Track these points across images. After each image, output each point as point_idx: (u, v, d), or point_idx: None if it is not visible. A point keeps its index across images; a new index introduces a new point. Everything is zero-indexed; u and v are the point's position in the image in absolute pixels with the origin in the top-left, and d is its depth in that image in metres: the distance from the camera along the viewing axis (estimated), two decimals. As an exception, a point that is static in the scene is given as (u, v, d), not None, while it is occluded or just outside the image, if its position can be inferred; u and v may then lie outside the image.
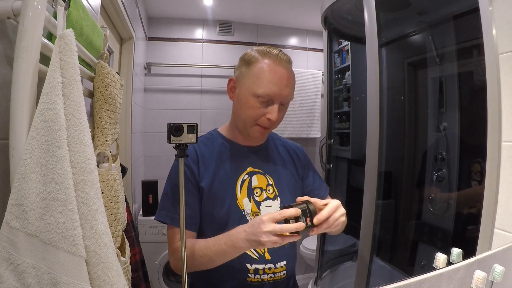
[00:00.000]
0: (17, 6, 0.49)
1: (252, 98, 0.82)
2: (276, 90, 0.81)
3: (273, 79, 0.81)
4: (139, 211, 2.07)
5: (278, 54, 0.83)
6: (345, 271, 2.01)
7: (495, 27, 0.91)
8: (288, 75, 0.83)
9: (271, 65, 0.82)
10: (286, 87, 0.82)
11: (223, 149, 0.91)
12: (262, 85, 0.81)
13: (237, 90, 0.87)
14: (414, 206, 1.68)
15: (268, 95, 0.81)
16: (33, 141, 0.47)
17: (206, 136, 0.95)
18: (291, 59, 0.86)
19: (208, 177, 0.86)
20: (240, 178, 0.89)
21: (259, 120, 0.84)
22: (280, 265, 0.87)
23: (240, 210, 0.86)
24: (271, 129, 0.88)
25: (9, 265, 0.45)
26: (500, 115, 0.92)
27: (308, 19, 2.47)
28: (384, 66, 1.59)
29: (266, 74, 0.81)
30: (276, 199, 0.90)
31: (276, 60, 0.82)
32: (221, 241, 0.76)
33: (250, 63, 0.84)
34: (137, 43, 1.93)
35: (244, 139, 0.92)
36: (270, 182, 0.91)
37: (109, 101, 0.78)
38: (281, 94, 0.82)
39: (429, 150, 1.59)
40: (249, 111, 0.83)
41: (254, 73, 0.83)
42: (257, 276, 0.85)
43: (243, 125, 0.87)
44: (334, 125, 2.17)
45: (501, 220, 0.92)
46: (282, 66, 0.82)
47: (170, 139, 0.68)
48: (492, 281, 0.85)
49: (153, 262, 1.98)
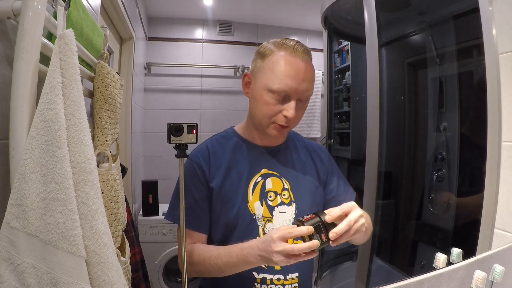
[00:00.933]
0: (17, 6, 0.49)
1: (267, 94, 0.76)
2: (292, 85, 0.74)
3: (289, 73, 0.74)
4: (139, 211, 2.07)
5: (294, 46, 0.76)
6: (345, 271, 2.01)
7: (495, 27, 0.91)
8: (305, 68, 0.76)
9: (287, 58, 0.75)
10: (303, 82, 0.75)
11: (238, 148, 0.86)
12: (278, 80, 0.75)
13: (252, 85, 0.81)
14: (414, 206, 1.68)
15: (284, 91, 0.75)
16: (33, 141, 0.47)
17: (222, 134, 0.90)
18: (309, 50, 0.78)
19: (219, 177, 0.82)
20: (253, 180, 0.83)
21: (275, 118, 0.78)
22: (292, 277, 0.81)
23: (250, 214, 0.81)
24: (289, 128, 0.81)
25: (9, 265, 0.45)
26: (500, 115, 0.92)
27: (308, 19, 2.46)
28: (384, 66, 1.59)
29: (282, 67, 0.75)
30: (292, 205, 0.84)
31: (292, 52, 0.76)
32: (233, 253, 0.72)
33: (265, 56, 0.78)
34: (137, 43, 1.93)
35: (261, 139, 0.86)
36: (286, 186, 0.85)
37: (109, 101, 0.78)
38: (297, 89, 0.75)
39: (429, 150, 1.59)
40: (264, 108, 0.78)
41: (269, 67, 0.77)
42: (263, 286, 0.80)
43: (259, 123, 0.81)
44: (334, 125, 2.17)
45: (501, 220, 0.92)
46: (299, 58, 0.75)
47: (170, 139, 0.68)
48: (492, 281, 0.85)
49: (153, 262, 1.98)
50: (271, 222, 0.82)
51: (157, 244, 2.01)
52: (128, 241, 0.91)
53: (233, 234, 0.81)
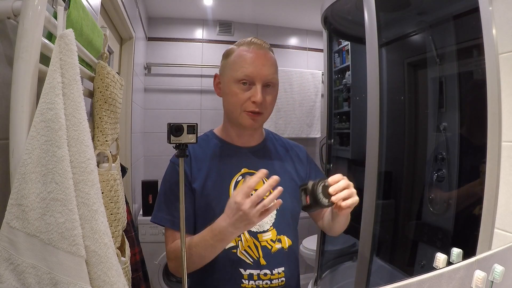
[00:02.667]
0: (17, 6, 0.49)
1: (234, 84, 0.82)
2: (253, 70, 0.81)
3: (249, 60, 0.82)
4: (139, 211, 2.08)
5: (251, 40, 0.85)
6: (345, 271, 2.01)
7: (495, 27, 0.91)
8: (264, 55, 0.83)
9: (246, 50, 0.83)
10: (263, 66, 0.82)
11: (217, 150, 0.90)
12: (239, 68, 0.82)
13: (221, 84, 0.88)
14: (414, 206, 1.68)
15: (247, 76, 0.81)
16: (33, 141, 0.47)
17: (201, 137, 0.93)
18: (267, 44, 0.86)
19: (201, 179, 0.85)
20: (233, 179, 0.86)
21: (245, 105, 0.83)
22: (278, 272, 0.84)
23: None
24: (262, 115, 0.85)
25: (9, 265, 0.45)
26: (500, 115, 0.92)
27: (308, 19, 2.46)
28: (384, 66, 1.59)
29: (242, 58, 0.82)
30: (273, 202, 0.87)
31: (249, 45, 0.84)
32: (207, 237, 0.75)
33: (228, 55, 0.86)
34: (137, 43, 1.93)
35: (239, 139, 0.90)
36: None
37: (109, 101, 0.78)
38: (259, 73, 0.81)
39: (429, 150, 1.59)
40: (233, 99, 0.83)
41: (231, 61, 0.84)
42: (251, 282, 0.82)
43: (233, 116, 0.86)
44: (334, 125, 2.17)
45: (501, 220, 0.92)
46: (256, 48, 0.83)
47: (170, 139, 0.68)
48: (492, 281, 0.85)
49: (153, 262, 1.98)
50: None
51: (157, 244, 2.01)
52: (128, 241, 0.91)
53: None
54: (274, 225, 0.86)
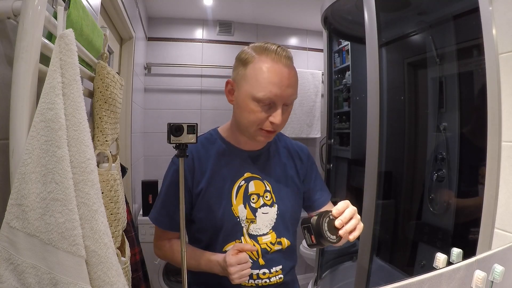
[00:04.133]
0: (17, 6, 0.49)
1: (252, 102, 0.76)
2: (277, 92, 0.74)
3: (273, 80, 0.73)
4: (139, 211, 2.07)
5: (276, 50, 0.75)
6: (345, 271, 2.01)
7: (495, 27, 0.91)
8: (289, 73, 0.75)
9: (270, 64, 0.74)
10: (288, 88, 0.75)
11: (222, 153, 0.87)
12: (262, 88, 0.74)
13: (235, 93, 0.81)
14: (414, 206, 1.68)
15: (269, 98, 0.74)
16: (33, 141, 0.47)
17: (206, 136, 0.91)
18: (291, 55, 0.78)
19: (204, 182, 0.84)
20: (236, 184, 0.86)
21: (262, 125, 0.78)
22: (276, 270, 0.86)
23: (234, 217, 0.84)
24: (276, 132, 0.82)
25: (9, 265, 0.45)
26: (500, 115, 0.92)
27: (308, 19, 2.46)
28: (384, 66, 1.59)
29: (265, 75, 0.74)
30: (274, 206, 0.87)
31: (274, 58, 0.75)
32: (202, 261, 0.82)
33: (247, 63, 0.77)
34: (137, 43, 1.93)
35: (244, 143, 0.88)
36: (268, 188, 0.87)
37: (109, 101, 0.78)
38: (282, 95, 0.75)
39: (429, 150, 1.59)
40: (250, 116, 0.77)
41: (251, 75, 0.75)
42: (251, 281, 0.84)
43: (246, 130, 0.82)
44: (334, 125, 2.17)
45: (501, 220, 0.92)
46: (281, 63, 0.74)
47: (170, 139, 0.68)
48: (492, 281, 0.85)
49: (153, 262, 1.98)
50: (255, 223, 0.85)
51: (157, 244, 2.00)
52: (128, 241, 0.91)
53: (219, 236, 0.84)
54: (274, 228, 0.87)
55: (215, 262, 0.80)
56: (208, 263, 0.81)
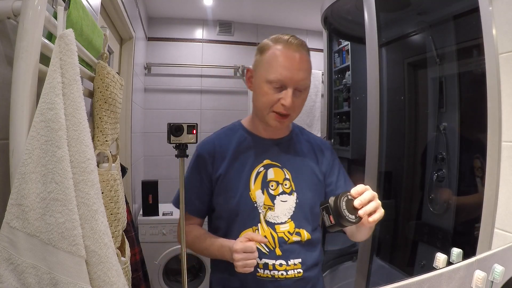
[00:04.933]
0: (17, 6, 0.49)
1: (266, 84, 0.81)
2: (287, 74, 0.79)
3: (284, 64, 0.80)
4: (139, 211, 2.07)
5: (288, 39, 0.82)
6: (345, 271, 2.01)
7: (495, 27, 0.91)
8: (300, 58, 0.81)
9: (282, 50, 0.81)
10: (298, 71, 0.80)
11: (242, 140, 0.91)
12: (273, 71, 0.80)
13: (253, 79, 0.87)
14: (414, 206, 1.68)
15: (280, 80, 0.80)
16: (33, 141, 0.47)
17: (229, 127, 0.95)
18: (304, 43, 0.84)
19: (223, 168, 0.87)
20: (255, 170, 0.87)
21: (274, 107, 0.82)
22: (294, 263, 0.84)
23: (252, 202, 0.85)
24: (290, 118, 0.85)
25: (9, 265, 0.45)
26: (500, 115, 0.92)
27: (308, 19, 2.46)
28: (384, 66, 1.59)
29: (277, 59, 0.81)
30: (293, 194, 0.87)
31: (286, 45, 0.81)
32: (214, 246, 0.83)
33: (263, 51, 0.84)
34: (137, 43, 1.93)
35: (265, 131, 0.91)
36: (288, 176, 0.88)
37: (109, 101, 0.78)
38: (293, 78, 0.80)
39: (429, 150, 1.59)
40: (263, 98, 0.83)
41: (266, 60, 0.83)
42: (266, 271, 0.83)
43: (260, 114, 0.86)
44: (334, 125, 2.17)
45: (501, 220, 0.92)
46: (292, 49, 0.81)
47: (170, 139, 0.68)
48: (492, 281, 0.85)
49: (153, 262, 1.98)
50: (273, 210, 0.86)
51: (157, 244, 2.01)
52: (128, 241, 0.91)
53: (237, 221, 0.86)
54: (292, 218, 0.86)
55: (226, 248, 0.80)
56: (220, 249, 0.82)
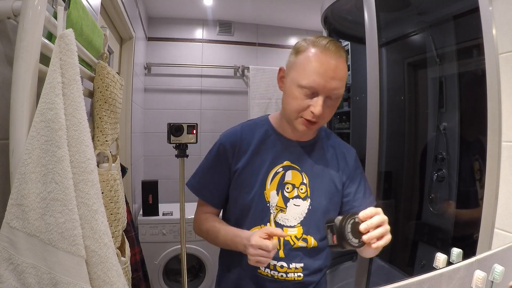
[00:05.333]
0: (17, 6, 0.49)
1: (297, 89, 0.78)
2: (320, 81, 0.75)
3: (318, 70, 0.76)
4: (139, 211, 2.07)
5: (326, 44, 0.77)
6: (345, 271, 2.01)
7: (495, 27, 0.91)
8: (336, 66, 0.76)
9: (318, 55, 0.77)
10: (332, 80, 0.76)
11: (267, 137, 0.89)
12: (306, 76, 0.76)
13: (285, 79, 0.84)
14: (414, 206, 1.68)
15: (312, 87, 0.76)
16: (33, 141, 0.47)
17: (256, 120, 0.93)
18: (343, 50, 0.80)
19: (243, 161, 0.86)
20: (274, 169, 0.86)
21: (303, 113, 0.79)
22: (295, 267, 0.84)
23: (265, 201, 0.84)
24: (318, 125, 0.82)
25: (9, 265, 0.45)
26: (500, 115, 0.92)
27: (308, 19, 2.46)
28: (384, 66, 1.59)
29: (312, 64, 0.76)
30: (307, 200, 0.86)
31: (323, 50, 0.77)
32: (229, 236, 0.82)
33: (299, 52, 0.80)
34: (137, 43, 1.93)
35: (291, 132, 0.89)
36: (305, 181, 0.87)
37: (109, 101, 0.78)
38: (325, 86, 0.76)
39: (429, 150, 1.59)
40: (293, 102, 0.80)
41: (300, 63, 0.79)
42: (267, 269, 0.83)
43: (288, 117, 0.84)
44: (334, 125, 2.17)
45: (501, 220, 0.92)
46: (329, 56, 0.76)
47: (170, 139, 0.68)
48: (492, 281, 0.85)
49: (153, 262, 1.98)
50: (284, 213, 0.85)
51: (157, 244, 2.01)
52: (128, 241, 0.91)
53: (247, 217, 0.85)
54: (302, 223, 0.85)
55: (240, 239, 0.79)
56: (234, 238, 0.81)
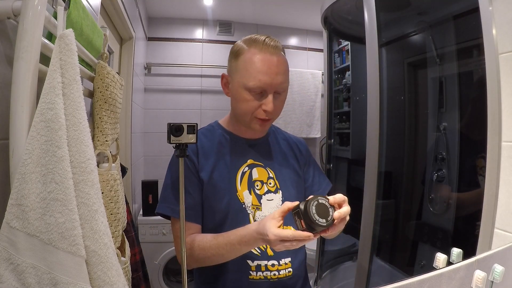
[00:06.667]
0: (17, 6, 0.49)
1: (244, 91, 0.79)
2: (267, 80, 0.77)
3: (262, 69, 0.76)
4: (139, 211, 2.07)
5: (264, 41, 0.79)
6: (345, 271, 2.01)
7: (495, 27, 0.91)
8: (277, 61, 0.78)
9: (258, 54, 0.78)
10: (277, 75, 0.78)
11: (223, 141, 0.90)
12: (252, 77, 0.77)
13: (230, 85, 0.85)
14: (414, 206, 1.68)
15: (260, 87, 0.77)
16: (33, 141, 0.47)
17: (207, 128, 0.94)
18: (279, 44, 0.81)
19: (208, 169, 0.85)
20: (240, 170, 0.87)
21: (256, 113, 0.81)
22: (285, 262, 0.85)
23: (240, 203, 0.85)
24: (272, 120, 0.85)
25: (9, 265, 0.45)
26: (500, 115, 0.92)
27: (308, 19, 2.46)
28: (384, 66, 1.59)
29: (254, 64, 0.77)
30: (278, 192, 0.88)
31: (262, 48, 0.78)
32: (234, 241, 0.74)
33: (238, 55, 0.81)
34: (137, 43, 1.93)
35: (244, 131, 0.90)
36: (271, 175, 0.89)
37: (109, 101, 0.78)
38: (272, 83, 0.77)
39: (429, 150, 1.59)
40: (244, 105, 0.80)
41: (242, 66, 0.79)
42: (259, 273, 0.82)
43: (243, 119, 0.85)
44: (334, 125, 2.17)
45: (501, 220, 0.92)
46: (269, 53, 0.78)
47: (170, 139, 0.68)
48: (492, 281, 0.85)
49: (153, 262, 1.98)
50: (260, 210, 0.86)
51: (157, 244, 2.01)
52: (128, 241, 0.91)
53: (225, 222, 0.84)
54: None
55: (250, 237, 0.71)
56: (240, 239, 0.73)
